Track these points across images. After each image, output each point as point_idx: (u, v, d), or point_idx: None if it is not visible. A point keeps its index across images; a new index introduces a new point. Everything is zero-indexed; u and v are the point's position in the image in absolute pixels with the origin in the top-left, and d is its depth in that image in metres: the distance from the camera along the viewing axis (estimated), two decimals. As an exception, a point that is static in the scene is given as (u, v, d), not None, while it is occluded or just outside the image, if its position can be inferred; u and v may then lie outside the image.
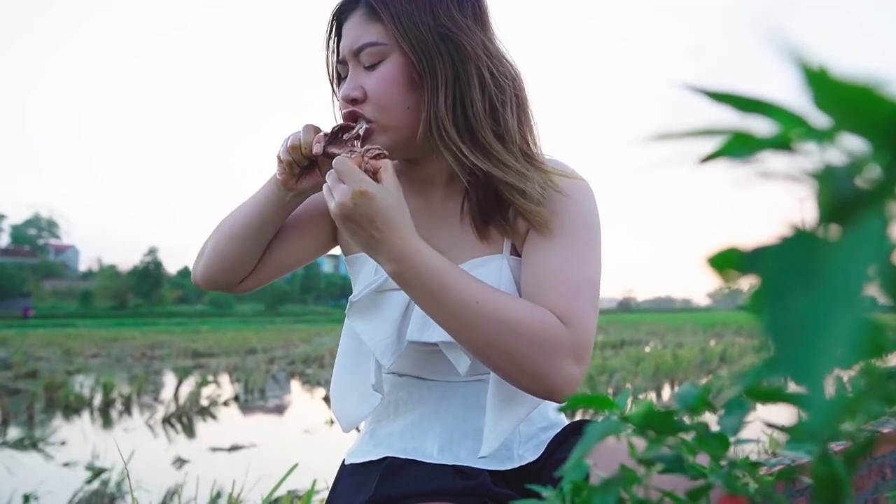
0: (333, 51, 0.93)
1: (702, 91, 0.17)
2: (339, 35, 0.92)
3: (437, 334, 0.86)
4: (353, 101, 0.88)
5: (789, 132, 0.15)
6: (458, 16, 0.86)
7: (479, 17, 0.90)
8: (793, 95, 0.15)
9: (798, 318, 0.13)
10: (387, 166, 0.81)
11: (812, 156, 0.15)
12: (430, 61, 0.85)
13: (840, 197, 0.14)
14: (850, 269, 0.13)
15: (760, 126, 0.16)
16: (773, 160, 0.16)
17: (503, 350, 0.78)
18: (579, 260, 0.87)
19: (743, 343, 12.58)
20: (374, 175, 0.81)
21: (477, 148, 0.85)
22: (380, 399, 0.93)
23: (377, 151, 0.83)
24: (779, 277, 0.14)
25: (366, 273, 0.97)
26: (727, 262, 0.17)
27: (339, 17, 0.91)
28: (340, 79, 0.93)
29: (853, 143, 0.15)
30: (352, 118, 0.89)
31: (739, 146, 0.16)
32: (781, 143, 0.16)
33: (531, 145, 0.90)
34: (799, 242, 0.14)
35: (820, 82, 0.14)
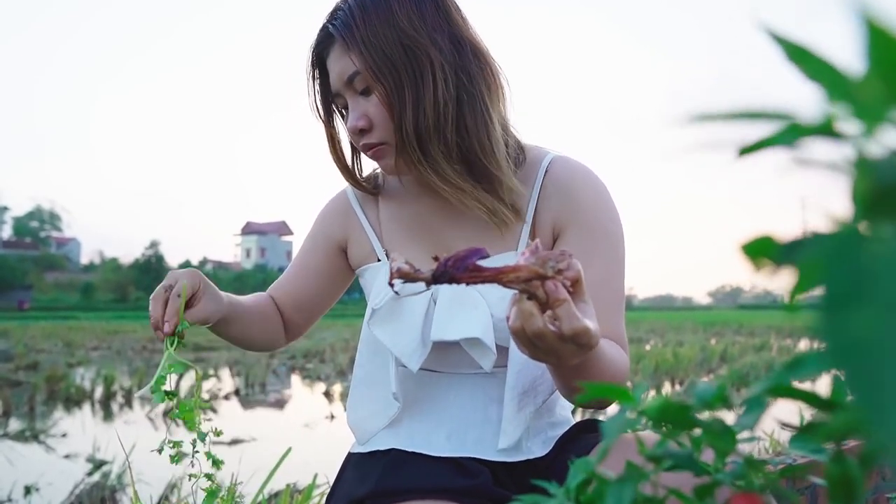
0: (319, 90, 0.95)
1: (775, 38, 0.16)
2: (323, 72, 0.94)
3: (459, 332, 0.86)
4: (362, 132, 0.90)
5: (834, 118, 0.14)
6: (418, 22, 0.86)
7: (442, 11, 0.89)
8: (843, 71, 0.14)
9: (857, 332, 0.12)
10: (579, 272, 0.66)
11: (856, 144, 0.15)
12: (398, 81, 0.86)
13: (883, 189, 0.14)
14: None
15: (805, 101, 0.16)
16: (817, 148, 0.15)
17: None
18: (615, 269, 0.91)
19: (743, 342, 12.57)
20: (571, 287, 0.67)
21: (429, 163, 0.87)
22: (397, 409, 0.93)
23: (564, 262, 0.65)
24: (828, 279, 0.13)
25: (380, 281, 0.97)
26: (762, 250, 0.17)
27: (320, 54, 0.93)
28: (332, 113, 0.97)
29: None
30: (369, 150, 0.91)
31: (786, 134, 0.15)
32: (826, 131, 0.15)
33: (480, 154, 0.87)
34: (843, 238, 0.14)
35: (883, 42, 0.13)
